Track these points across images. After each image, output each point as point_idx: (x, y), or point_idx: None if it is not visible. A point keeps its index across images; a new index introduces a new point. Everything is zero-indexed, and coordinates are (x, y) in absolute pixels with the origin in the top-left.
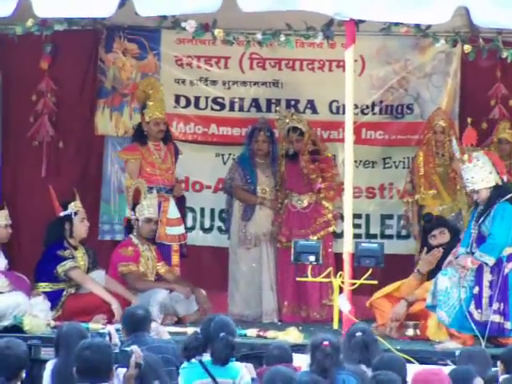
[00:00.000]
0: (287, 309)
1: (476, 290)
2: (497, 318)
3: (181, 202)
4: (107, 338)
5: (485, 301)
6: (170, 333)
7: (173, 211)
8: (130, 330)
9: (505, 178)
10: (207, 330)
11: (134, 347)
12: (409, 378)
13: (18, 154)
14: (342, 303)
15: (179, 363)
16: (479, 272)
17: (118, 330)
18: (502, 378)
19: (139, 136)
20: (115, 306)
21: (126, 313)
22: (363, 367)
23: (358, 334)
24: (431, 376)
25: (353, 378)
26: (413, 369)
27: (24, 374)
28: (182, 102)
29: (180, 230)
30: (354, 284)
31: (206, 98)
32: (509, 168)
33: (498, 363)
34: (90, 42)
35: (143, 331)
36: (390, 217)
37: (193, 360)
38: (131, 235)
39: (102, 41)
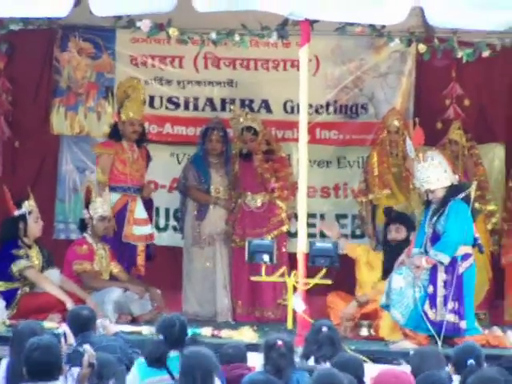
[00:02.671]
0: (241, 308)
1: (430, 289)
2: (452, 318)
3: (149, 204)
4: (62, 339)
5: (439, 300)
6: (125, 332)
7: (140, 211)
8: (77, 330)
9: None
10: (172, 333)
11: (87, 346)
12: (366, 378)
13: None
14: (296, 303)
15: (127, 361)
16: (433, 271)
17: None
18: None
19: (115, 134)
20: (70, 305)
21: (71, 314)
22: (328, 364)
23: (324, 328)
24: (393, 379)
25: (307, 376)
26: (370, 369)
27: None
28: None
29: (147, 230)
30: (308, 283)
31: (161, 97)
32: (462, 168)
33: (449, 364)
34: (45, 42)
35: (89, 331)
36: (345, 216)
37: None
38: (85, 234)
39: (58, 40)
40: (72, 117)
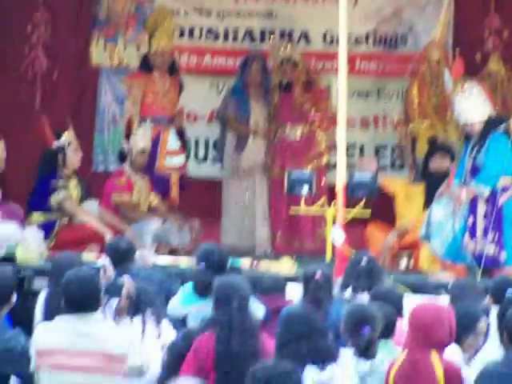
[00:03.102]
0: (280, 239)
1: (470, 220)
2: (491, 249)
3: (181, 134)
4: (102, 271)
5: (479, 231)
6: (164, 264)
7: (173, 142)
8: (116, 261)
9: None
10: (212, 261)
11: (125, 278)
12: (405, 310)
13: (13, 87)
14: (335, 234)
15: (166, 292)
16: (473, 203)
17: None
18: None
19: (145, 65)
20: (108, 237)
21: (110, 245)
22: (366, 295)
23: (363, 261)
24: (431, 313)
25: (345, 307)
26: (410, 299)
27: (14, 299)
28: (176, 32)
29: (180, 160)
30: (347, 214)
31: (200, 28)
32: (499, 100)
33: (487, 296)
34: None
35: (128, 262)
36: (384, 147)
37: None
38: (124, 165)
39: None
40: (111, 48)
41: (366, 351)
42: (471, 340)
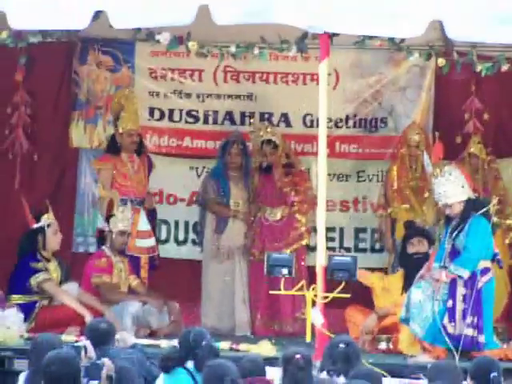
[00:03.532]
0: (260, 322)
1: (450, 303)
2: (470, 332)
3: (152, 215)
4: (83, 352)
5: (458, 314)
6: (144, 345)
7: (143, 223)
8: (95, 343)
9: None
10: (187, 341)
11: (105, 359)
12: None
13: None
14: (314, 316)
15: (145, 373)
16: (453, 285)
17: None
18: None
19: (112, 147)
20: (88, 318)
21: (90, 327)
22: (342, 379)
23: (341, 345)
24: None
25: None
26: (389, 383)
27: None
28: (156, 114)
29: (150, 242)
30: (326, 297)
31: (180, 110)
32: (480, 183)
33: (468, 378)
34: (64, 55)
35: (108, 344)
36: (364, 230)
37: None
38: (104, 247)
39: (77, 53)
40: (91, 130)
41: None
42: None
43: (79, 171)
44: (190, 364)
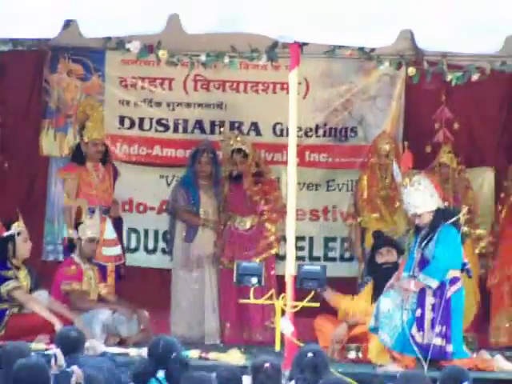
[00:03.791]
0: (229, 330)
1: (418, 312)
2: (439, 341)
3: (118, 223)
4: (53, 360)
5: (427, 324)
6: (113, 354)
7: (109, 232)
8: (65, 351)
9: (445, 203)
10: (156, 351)
11: (75, 367)
12: None
13: None
14: (284, 325)
15: (114, 381)
16: (422, 295)
17: None
18: None
19: (78, 156)
20: (58, 326)
21: (60, 335)
22: None
23: (310, 354)
24: None
25: None
26: None
27: None
28: (126, 123)
29: (116, 250)
30: (296, 306)
31: (150, 119)
32: (450, 192)
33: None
34: (34, 63)
35: (77, 352)
36: (334, 239)
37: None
38: (73, 254)
39: (47, 61)
40: (61, 138)
41: None
42: None
43: (49, 179)
44: (160, 373)
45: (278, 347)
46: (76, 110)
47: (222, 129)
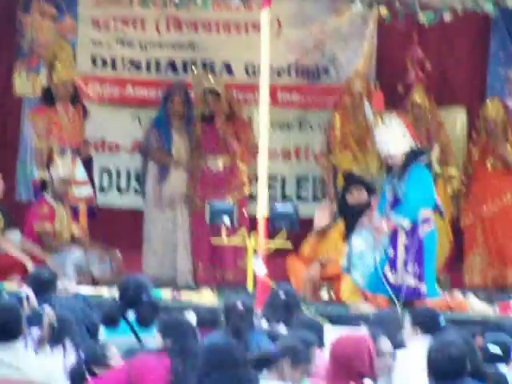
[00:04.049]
0: (202, 271)
1: (391, 252)
2: (412, 281)
3: (89, 164)
4: (25, 300)
5: (400, 264)
6: (85, 294)
7: (80, 172)
8: (38, 291)
9: (417, 143)
10: (126, 294)
11: (47, 308)
12: (326, 341)
13: None
14: (256, 266)
15: (87, 321)
16: (394, 235)
17: None
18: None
19: (47, 97)
20: (30, 267)
21: (32, 275)
22: (282, 327)
23: (281, 294)
24: (350, 346)
25: (266, 339)
26: (330, 331)
27: None
28: (99, 63)
29: (87, 191)
30: (268, 246)
31: (123, 59)
32: (423, 132)
33: (409, 325)
34: (8, 4)
35: (50, 292)
36: (306, 179)
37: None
38: (45, 195)
39: (20, 2)
40: (34, 79)
41: None
42: None
43: (22, 120)
44: (131, 315)
45: (250, 287)
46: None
47: (194, 69)
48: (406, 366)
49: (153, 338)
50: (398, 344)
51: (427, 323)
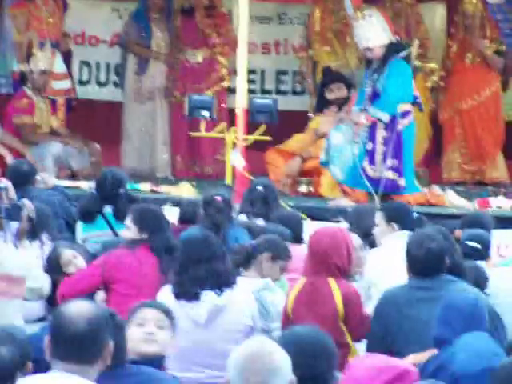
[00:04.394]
0: (180, 164)
1: (369, 146)
2: (390, 175)
3: (68, 57)
4: (3, 193)
5: (378, 157)
6: (65, 187)
7: (59, 65)
8: (16, 184)
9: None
10: (104, 187)
11: (26, 201)
12: (305, 235)
13: None
14: (235, 159)
15: (66, 215)
16: (373, 128)
17: None
18: None
19: None
20: (9, 159)
21: (11, 168)
22: (261, 221)
23: (259, 187)
24: (327, 238)
25: (245, 232)
26: (309, 225)
27: None
28: None
29: (66, 84)
30: (246, 139)
31: None
32: (402, 27)
33: (382, 221)
34: None
35: (29, 185)
36: (285, 73)
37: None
38: (25, 87)
39: None
40: None
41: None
42: None
43: (2, 14)
44: (108, 209)
45: (228, 181)
46: None
47: None
48: (381, 262)
49: (126, 229)
50: (372, 240)
51: (401, 218)
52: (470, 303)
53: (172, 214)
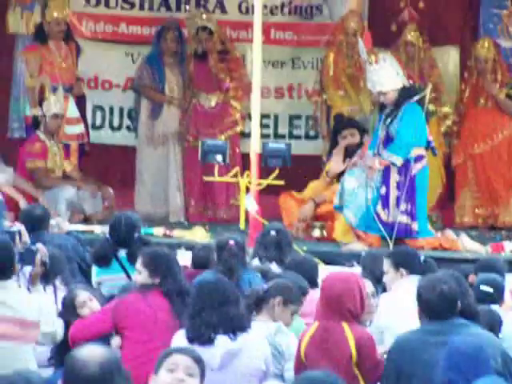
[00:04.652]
0: (194, 208)
1: (383, 190)
2: (404, 219)
3: (81, 102)
4: (17, 237)
5: (392, 201)
6: (78, 231)
7: (72, 110)
8: (30, 229)
9: (411, 81)
10: (118, 231)
11: (39, 245)
12: (319, 280)
13: None
14: (248, 203)
15: (79, 259)
16: (386, 173)
17: None
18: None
19: (40, 35)
20: (22, 204)
21: (24, 212)
22: (275, 266)
23: (273, 232)
24: (339, 282)
25: (258, 277)
26: (322, 270)
27: None
28: (92, 0)
29: (79, 129)
30: (260, 184)
31: None
32: (416, 71)
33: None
34: None
35: (42, 229)
36: (299, 117)
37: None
38: (38, 131)
39: None
40: (28, 17)
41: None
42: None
43: (15, 57)
44: (122, 252)
45: (242, 225)
46: None
47: (187, 6)
48: (394, 306)
49: (136, 272)
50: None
51: (408, 263)
52: (475, 346)
53: (185, 259)
